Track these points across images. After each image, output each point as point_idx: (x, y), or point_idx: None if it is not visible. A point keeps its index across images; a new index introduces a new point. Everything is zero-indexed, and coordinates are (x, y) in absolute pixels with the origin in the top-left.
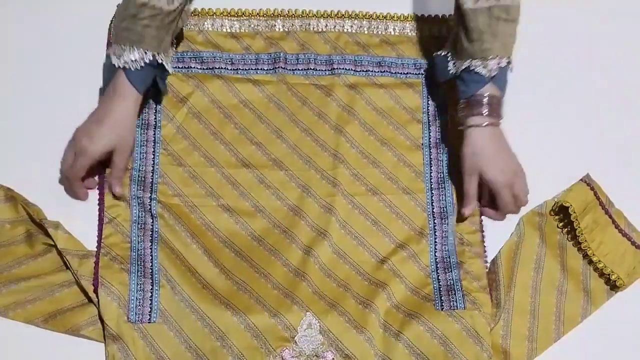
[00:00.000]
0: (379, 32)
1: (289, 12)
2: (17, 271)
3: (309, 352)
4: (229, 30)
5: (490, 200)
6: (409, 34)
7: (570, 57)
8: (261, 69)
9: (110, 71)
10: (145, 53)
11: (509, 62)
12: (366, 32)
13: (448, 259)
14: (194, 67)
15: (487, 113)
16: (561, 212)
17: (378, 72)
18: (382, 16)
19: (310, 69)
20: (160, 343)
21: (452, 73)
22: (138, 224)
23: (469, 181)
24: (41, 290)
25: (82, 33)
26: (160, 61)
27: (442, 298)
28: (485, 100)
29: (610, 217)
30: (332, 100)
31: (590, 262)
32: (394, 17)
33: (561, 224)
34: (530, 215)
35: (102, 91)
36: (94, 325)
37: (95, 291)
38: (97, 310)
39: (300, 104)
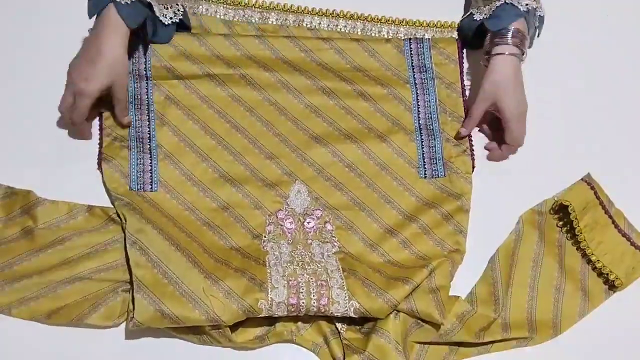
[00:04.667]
0: (372, 34)
1: (284, 6)
2: (19, 268)
3: (300, 211)
4: (222, 17)
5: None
6: (402, 37)
7: (571, 56)
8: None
9: (96, 5)
10: None
11: (537, 7)
12: (359, 33)
13: (431, 125)
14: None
15: (512, 42)
16: (561, 211)
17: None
18: (377, 19)
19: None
20: (164, 208)
21: (478, 20)
22: (134, 103)
23: (479, 106)
24: (43, 288)
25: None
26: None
27: (425, 166)
28: (511, 32)
29: (610, 217)
30: (321, 67)
31: (589, 261)
32: (388, 20)
33: (561, 223)
34: (529, 213)
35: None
36: (97, 312)
37: (100, 167)
38: (99, 298)
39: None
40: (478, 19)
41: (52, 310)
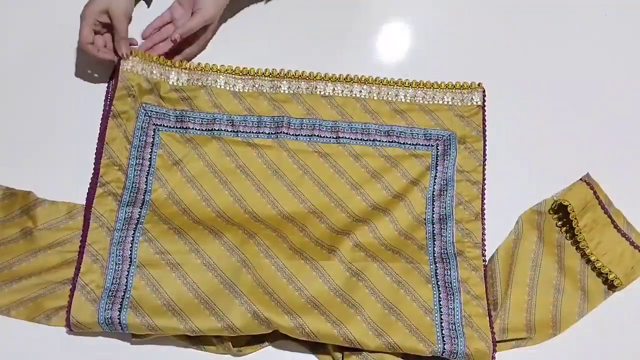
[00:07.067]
0: (389, 99)
1: (295, 73)
2: (18, 269)
3: None
4: (232, 89)
5: None
6: (420, 101)
7: (570, 55)
8: (262, 133)
9: None
10: None
11: None
12: (375, 98)
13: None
14: (192, 128)
15: None
16: (560, 210)
17: (386, 142)
18: (393, 82)
19: (315, 135)
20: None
21: None
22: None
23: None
24: (43, 288)
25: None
26: None
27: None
28: None
29: (610, 216)
30: (336, 172)
31: (588, 261)
32: (405, 83)
33: (560, 223)
34: (529, 213)
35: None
36: None
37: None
38: None
39: (302, 172)
40: None
41: (52, 311)
